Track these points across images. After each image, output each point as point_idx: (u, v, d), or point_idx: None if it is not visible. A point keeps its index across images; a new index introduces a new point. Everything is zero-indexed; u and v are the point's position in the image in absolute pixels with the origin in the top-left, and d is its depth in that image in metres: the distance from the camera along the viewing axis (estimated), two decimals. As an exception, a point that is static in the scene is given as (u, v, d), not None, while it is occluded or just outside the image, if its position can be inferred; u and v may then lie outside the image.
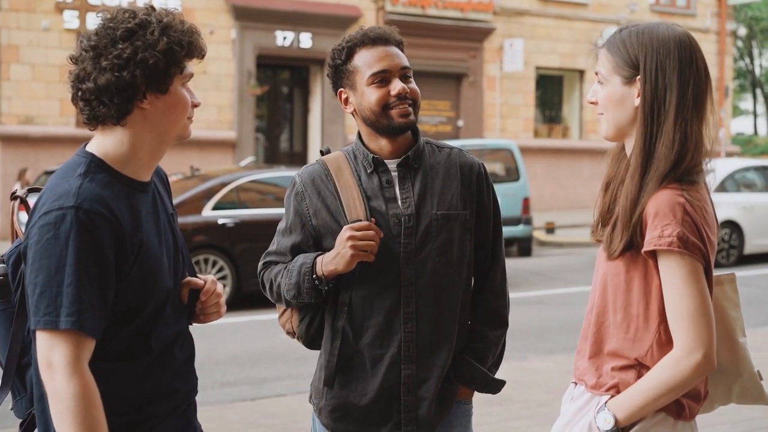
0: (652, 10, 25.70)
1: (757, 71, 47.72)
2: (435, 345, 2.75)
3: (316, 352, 2.93)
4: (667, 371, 2.24)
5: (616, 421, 2.28)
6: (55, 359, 2.08)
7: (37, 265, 2.11)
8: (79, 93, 2.23)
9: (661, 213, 2.23)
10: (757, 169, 16.29)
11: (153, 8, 2.28)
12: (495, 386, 2.88)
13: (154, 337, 2.29)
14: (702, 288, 2.23)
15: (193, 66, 2.31)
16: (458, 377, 2.82)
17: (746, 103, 50.79)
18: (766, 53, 47.92)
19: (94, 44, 2.21)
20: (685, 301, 2.22)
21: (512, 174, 15.70)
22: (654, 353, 2.29)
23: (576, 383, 2.49)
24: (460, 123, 23.27)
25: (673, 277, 2.23)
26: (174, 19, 2.26)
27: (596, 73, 2.43)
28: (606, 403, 2.32)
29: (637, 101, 2.33)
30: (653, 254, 2.26)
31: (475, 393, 2.93)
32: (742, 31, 37.00)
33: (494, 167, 15.66)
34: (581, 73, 24.97)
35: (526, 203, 15.63)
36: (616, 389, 2.33)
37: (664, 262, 2.24)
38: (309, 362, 7.93)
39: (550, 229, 18.95)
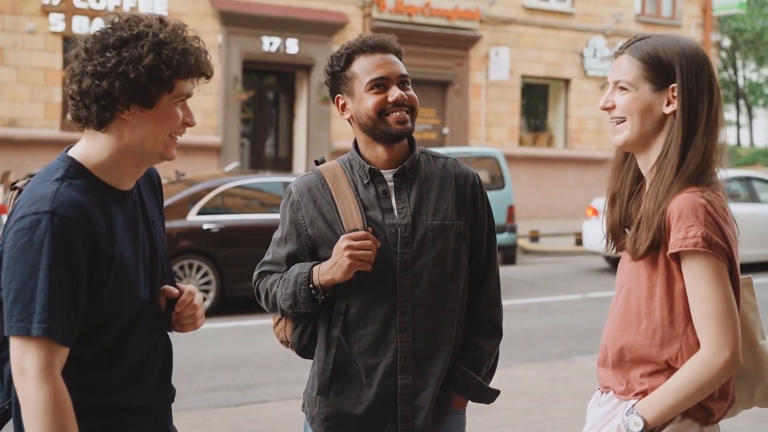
0: (637, 20, 25.82)
1: (741, 82, 48.01)
2: (431, 355, 2.75)
3: (300, 359, 2.93)
4: (695, 371, 2.27)
5: (645, 423, 2.31)
6: (27, 365, 2.07)
7: (11, 270, 2.10)
8: (69, 92, 2.23)
9: (684, 215, 2.27)
10: (740, 179, 16.36)
11: (161, 20, 2.25)
12: (489, 396, 2.88)
13: (127, 349, 2.28)
14: (726, 288, 2.28)
15: (191, 86, 2.27)
16: (453, 386, 2.82)
17: (729, 114, 51.04)
18: (750, 64, 48.21)
19: (88, 47, 2.21)
20: (710, 300, 2.26)
21: (497, 182, 15.73)
22: (683, 355, 2.33)
23: (602, 391, 2.52)
24: (446, 130, 23.30)
25: (698, 277, 2.27)
26: (174, 37, 2.22)
27: (615, 81, 2.45)
28: (634, 406, 2.35)
29: (667, 109, 2.39)
30: (676, 257, 2.30)
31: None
32: (726, 42, 37.23)
33: (479, 175, 15.65)
34: (567, 82, 25.05)
35: (510, 211, 15.66)
36: (644, 394, 2.36)
37: (689, 263, 2.29)
38: (293, 368, 7.92)
39: (534, 238, 18.98)
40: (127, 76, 2.16)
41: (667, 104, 2.39)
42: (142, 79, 2.16)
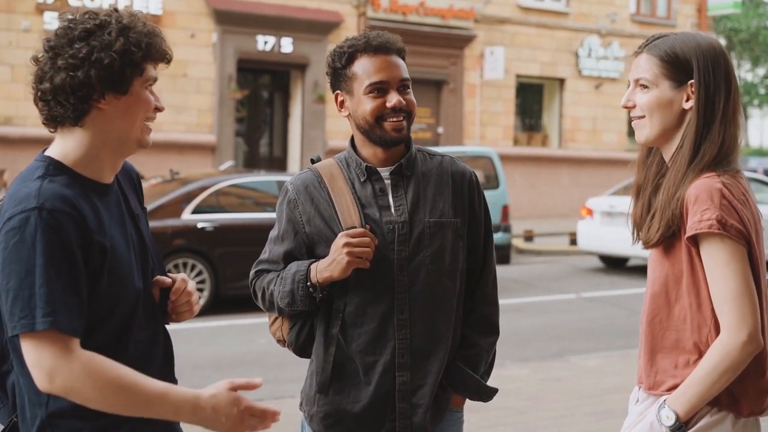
0: (632, 19, 25.85)
1: (735, 82, 48.02)
2: (429, 352, 2.75)
3: (294, 357, 2.92)
4: (716, 355, 2.30)
5: (677, 416, 2.34)
6: (46, 364, 2.05)
7: (7, 271, 2.08)
8: (39, 93, 2.21)
9: (700, 199, 2.32)
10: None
11: (116, 10, 2.27)
12: (487, 394, 2.89)
13: (130, 342, 2.27)
14: (743, 269, 2.30)
15: (157, 70, 2.29)
16: (451, 385, 2.82)
17: (724, 114, 51.09)
18: (745, 64, 48.29)
19: (53, 44, 2.20)
20: (727, 282, 2.29)
21: (491, 181, 15.73)
22: (712, 338, 2.36)
23: (639, 386, 2.56)
24: (440, 130, 23.30)
25: (715, 259, 2.31)
26: (135, 21, 2.24)
27: (636, 80, 2.51)
28: (665, 400, 2.38)
29: (686, 104, 2.44)
30: (695, 242, 2.33)
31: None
32: (721, 42, 37.24)
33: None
34: (561, 81, 25.06)
35: (505, 211, 15.65)
36: (677, 387, 2.40)
37: (705, 246, 2.32)
38: (287, 367, 7.92)
39: (528, 237, 18.99)
40: (102, 62, 2.16)
41: (686, 100, 2.45)
42: (116, 63, 2.17)
